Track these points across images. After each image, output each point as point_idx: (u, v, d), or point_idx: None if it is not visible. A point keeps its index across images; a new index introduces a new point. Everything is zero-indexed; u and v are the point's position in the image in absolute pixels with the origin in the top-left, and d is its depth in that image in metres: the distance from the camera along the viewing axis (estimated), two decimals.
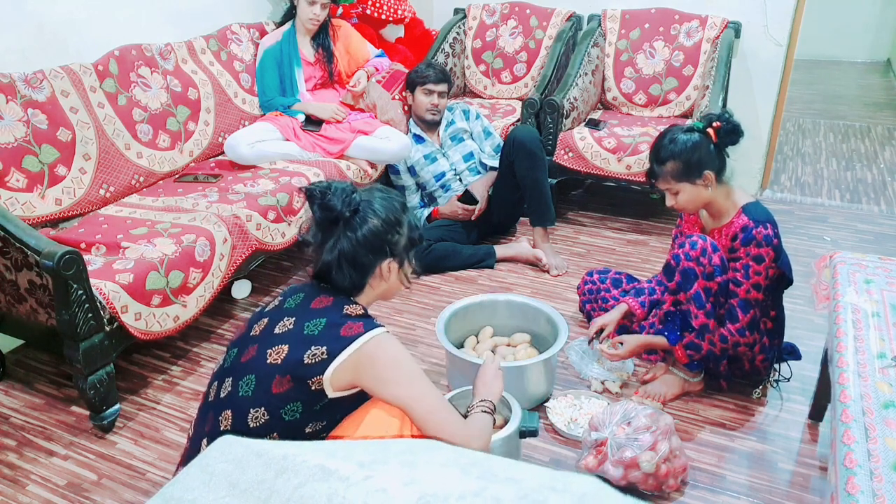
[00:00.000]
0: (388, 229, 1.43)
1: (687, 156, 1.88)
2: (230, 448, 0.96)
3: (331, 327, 1.34)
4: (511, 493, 0.80)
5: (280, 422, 1.32)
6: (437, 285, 2.78)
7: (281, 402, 1.32)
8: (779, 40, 3.41)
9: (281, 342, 1.35)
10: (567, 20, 3.68)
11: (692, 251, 1.88)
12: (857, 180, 3.97)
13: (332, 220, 1.40)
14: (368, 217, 1.41)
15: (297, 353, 1.32)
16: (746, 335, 1.90)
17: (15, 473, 1.86)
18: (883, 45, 7.33)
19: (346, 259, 1.41)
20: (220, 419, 1.35)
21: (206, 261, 2.15)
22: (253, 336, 1.42)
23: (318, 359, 1.31)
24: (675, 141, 1.90)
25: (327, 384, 1.32)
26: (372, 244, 1.42)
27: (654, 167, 1.95)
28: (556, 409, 2.01)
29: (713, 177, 1.89)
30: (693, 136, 1.89)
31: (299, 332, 1.35)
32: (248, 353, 1.38)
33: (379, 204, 1.44)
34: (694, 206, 1.97)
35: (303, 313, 1.39)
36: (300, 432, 1.34)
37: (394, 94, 3.19)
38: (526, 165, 2.86)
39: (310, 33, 3.09)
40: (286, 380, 1.31)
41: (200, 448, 1.36)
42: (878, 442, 1.21)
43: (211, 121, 2.89)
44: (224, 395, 1.37)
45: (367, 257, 1.43)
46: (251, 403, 1.32)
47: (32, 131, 2.23)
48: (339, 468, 0.86)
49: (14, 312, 2.05)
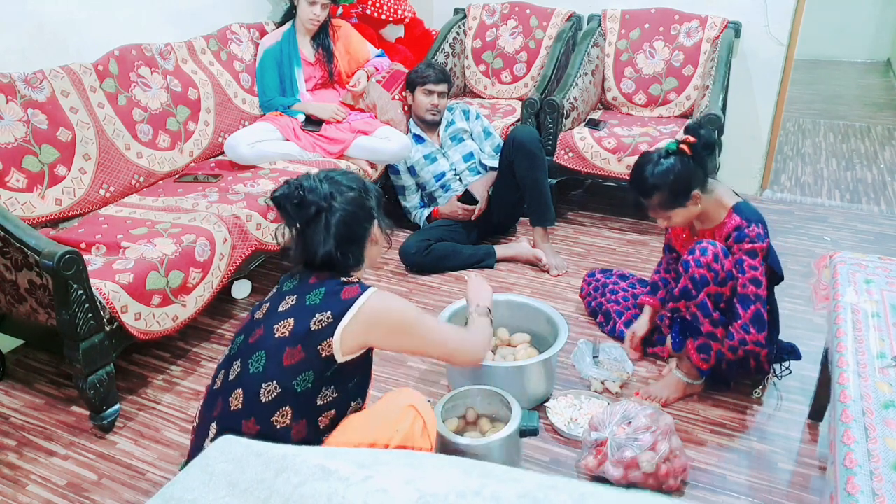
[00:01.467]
0: (362, 195, 1.50)
1: (671, 184, 1.88)
2: (230, 448, 0.96)
3: (330, 294, 1.41)
4: (511, 492, 0.80)
5: (292, 394, 1.36)
6: (437, 285, 2.78)
7: (293, 373, 1.36)
8: (779, 40, 3.41)
9: (286, 317, 1.41)
10: (567, 20, 3.68)
11: (703, 258, 1.87)
12: (857, 180, 3.97)
13: (313, 214, 1.44)
14: (345, 193, 1.47)
15: (303, 323, 1.38)
16: (751, 331, 1.89)
17: (15, 473, 1.86)
18: (883, 45, 7.33)
19: (341, 240, 1.46)
20: (230, 400, 1.39)
21: (205, 261, 2.15)
22: (257, 320, 1.47)
23: (325, 323, 1.37)
24: (655, 172, 1.89)
25: (337, 347, 1.38)
26: (359, 212, 1.49)
27: (640, 200, 1.96)
28: (556, 409, 2.01)
29: (700, 193, 1.91)
30: (670, 162, 1.88)
31: (301, 305, 1.41)
32: (256, 334, 1.43)
33: (342, 179, 1.50)
34: (688, 223, 2.02)
35: (302, 289, 1.45)
36: (311, 405, 1.38)
37: (394, 94, 3.19)
38: (526, 165, 2.86)
39: (310, 33, 3.09)
40: (297, 350, 1.37)
41: (209, 432, 1.40)
42: (878, 442, 1.21)
43: (211, 121, 2.89)
44: (233, 377, 1.41)
45: (360, 227, 1.50)
46: (262, 378, 1.37)
47: (32, 131, 2.23)
48: (339, 468, 0.86)
49: (14, 312, 2.05)
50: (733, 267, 1.89)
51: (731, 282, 1.88)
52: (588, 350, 2.21)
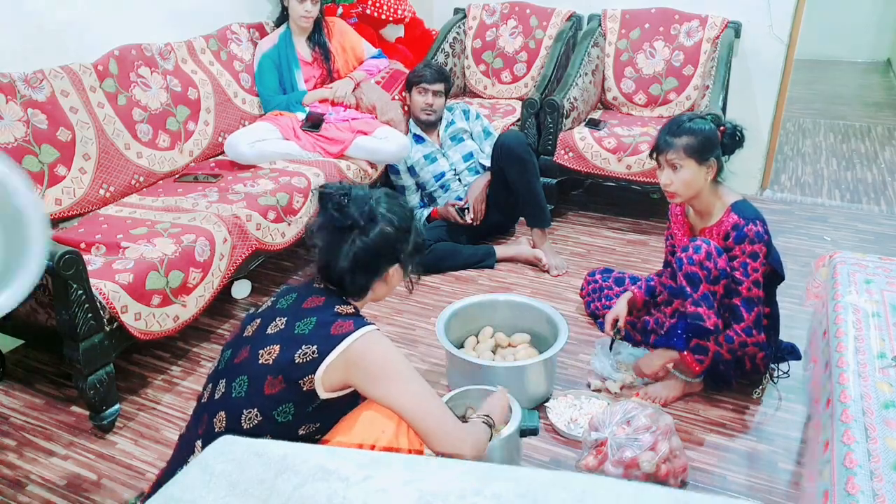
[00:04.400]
0: (399, 236, 1.45)
1: (703, 136, 1.91)
2: (230, 448, 0.96)
3: (321, 326, 1.35)
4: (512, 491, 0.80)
5: (273, 423, 1.32)
6: (437, 285, 2.78)
7: (273, 403, 1.31)
8: (780, 39, 3.41)
9: (272, 342, 1.36)
10: (567, 20, 3.68)
11: (696, 255, 1.87)
12: (857, 180, 3.97)
13: (347, 227, 1.41)
14: (383, 225, 1.42)
15: (287, 353, 1.33)
16: (753, 334, 1.89)
17: (15, 473, 1.86)
18: (883, 45, 7.33)
19: (359, 265, 1.42)
20: (214, 420, 1.35)
21: (205, 261, 2.15)
22: (246, 337, 1.42)
23: (309, 358, 1.31)
24: (695, 121, 1.94)
25: (318, 384, 1.32)
26: (384, 250, 1.43)
27: (665, 138, 1.94)
28: (556, 409, 2.02)
29: (715, 169, 1.92)
30: (709, 124, 1.94)
31: (290, 332, 1.36)
32: (241, 354, 1.39)
33: (392, 211, 1.45)
34: (687, 190, 1.93)
35: (294, 313, 1.39)
36: (293, 434, 1.34)
37: (393, 94, 3.19)
38: (516, 170, 2.86)
39: (304, 32, 3.09)
40: (278, 380, 1.32)
41: (194, 450, 1.36)
42: (878, 442, 1.21)
43: (211, 120, 2.89)
44: (218, 396, 1.37)
45: (378, 263, 1.45)
46: (244, 404, 1.33)
47: (32, 131, 2.23)
48: (339, 468, 0.86)
49: (14, 312, 2.04)
50: (738, 268, 1.88)
51: (725, 280, 1.88)
52: (607, 351, 2.22)
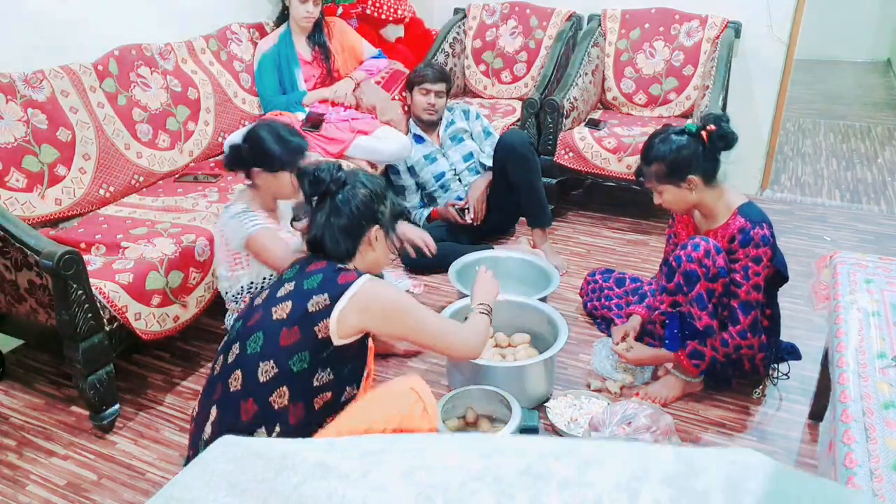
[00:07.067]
0: (374, 199, 1.56)
1: (672, 159, 1.89)
2: (230, 448, 0.96)
3: (327, 280, 1.46)
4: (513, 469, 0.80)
5: (289, 374, 1.39)
6: (437, 285, 2.78)
7: (289, 353, 1.40)
8: (780, 39, 3.41)
9: (284, 300, 1.46)
10: (567, 20, 3.68)
11: (694, 253, 1.87)
12: (857, 180, 3.97)
13: (322, 193, 1.53)
14: (357, 187, 1.54)
15: (300, 305, 1.43)
16: (748, 337, 1.89)
17: (15, 473, 1.86)
18: (883, 45, 7.33)
19: (337, 226, 1.52)
20: (229, 382, 1.43)
21: (205, 261, 2.15)
22: (256, 305, 1.52)
23: (322, 305, 1.42)
24: (664, 142, 1.91)
25: (333, 329, 1.41)
26: (360, 212, 1.54)
27: (640, 166, 1.99)
28: (556, 409, 2.01)
29: (699, 181, 1.90)
30: (682, 140, 1.89)
31: (300, 289, 1.46)
32: (254, 318, 1.48)
33: (364, 178, 1.58)
34: (679, 207, 1.99)
35: (300, 276, 1.50)
36: (308, 386, 1.41)
37: (393, 94, 3.19)
38: (519, 169, 2.86)
39: (305, 32, 3.09)
40: (294, 331, 1.41)
41: (209, 416, 1.44)
42: (879, 442, 1.21)
43: (211, 120, 2.89)
44: (232, 359, 1.45)
45: (357, 223, 1.54)
46: (260, 357, 1.41)
47: (32, 131, 2.23)
48: (339, 464, 0.86)
49: (14, 312, 2.05)
50: (739, 271, 1.88)
51: (723, 279, 1.88)
52: (607, 351, 2.21)
